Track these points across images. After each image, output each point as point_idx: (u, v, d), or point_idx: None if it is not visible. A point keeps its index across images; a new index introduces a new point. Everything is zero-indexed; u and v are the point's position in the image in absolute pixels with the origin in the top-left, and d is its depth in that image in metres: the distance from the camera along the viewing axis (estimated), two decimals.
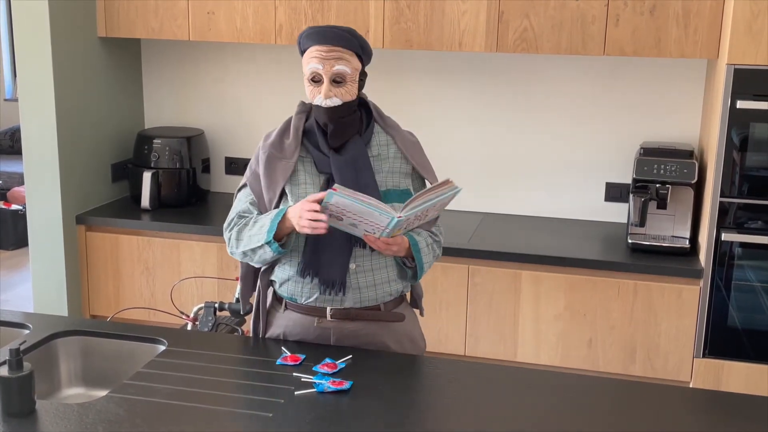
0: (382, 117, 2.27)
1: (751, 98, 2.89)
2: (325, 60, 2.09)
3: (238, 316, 3.22)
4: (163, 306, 3.44)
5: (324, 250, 2.15)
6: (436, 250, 2.26)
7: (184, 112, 4.02)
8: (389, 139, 2.23)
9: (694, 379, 3.12)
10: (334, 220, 2.04)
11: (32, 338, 2.22)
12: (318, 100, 2.13)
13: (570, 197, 3.67)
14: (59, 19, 3.41)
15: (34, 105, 3.47)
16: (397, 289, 2.23)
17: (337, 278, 2.15)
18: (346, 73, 2.11)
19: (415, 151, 2.25)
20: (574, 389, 2.06)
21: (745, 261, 3.02)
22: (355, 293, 2.18)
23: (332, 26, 2.13)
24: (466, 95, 3.68)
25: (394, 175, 2.20)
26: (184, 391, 1.96)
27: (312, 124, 2.20)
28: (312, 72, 2.12)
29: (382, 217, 1.99)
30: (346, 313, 2.20)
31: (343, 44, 2.11)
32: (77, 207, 3.62)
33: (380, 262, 2.19)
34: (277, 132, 2.25)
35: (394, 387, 2.01)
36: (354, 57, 2.13)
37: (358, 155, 2.16)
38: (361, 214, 2.00)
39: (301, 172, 2.19)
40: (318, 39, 2.10)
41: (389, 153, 2.22)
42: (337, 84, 2.11)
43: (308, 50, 2.12)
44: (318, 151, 2.18)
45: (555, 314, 3.22)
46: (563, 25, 3.16)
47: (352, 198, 1.96)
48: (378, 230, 2.04)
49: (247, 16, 3.45)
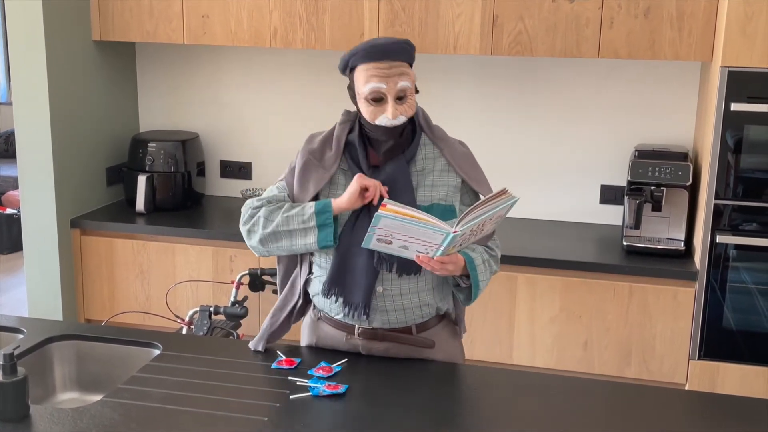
0: (429, 126, 2.15)
1: (746, 100, 2.90)
2: (388, 78, 1.98)
3: (234, 319, 3.22)
4: (159, 310, 3.44)
5: (349, 271, 2.07)
6: (493, 266, 2.12)
7: (179, 116, 4.02)
8: (437, 151, 2.11)
9: (690, 381, 3.12)
10: (383, 245, 1.93)
11: (26, 343, 2.21)
12: (383, 120, 2.01)
13: (565, 199, 3.67)
14: (53, 22, 3.41)
15: (29, 108, 3.46)
16: (429, 312, 2.13)
17: (360, 301, 2.07)
18: (408, 89, 2.02)
19: (466, 163, 2.13)
20: (570, 392, 2.06)
21: (739, 263, 3.02)
22: (382, 315, 2.10)
23: (390, 40, 2.01)
24: (460, 98, 3.68)
25: (440, 189, 2.08)
26: (178, 396, 1.96)
27: (354, 137, 2.09)
28: (374, 92, 1.99)
29: (436, 234, 1.87)
30: (374, 333, 2.13)
31: (403, 58, 2.01)
32: (72, 211, 3.62)
33: (411, 287, 2.08)
34: (320, 140, 2.13)
35: (390, 390, 2.00)
36: (410, 69, 2.05)
37: (399, 175, 2.04)
38: (412, 234, 1.87)
39: (340, 187, 2.09)
40: (379, 56, 1.98)
41: (435, 166, 2.10)
42: (400, 101, 2.01)
43: (363, 67, 2.00)
44: (358, 168, 2.08)
45: (550, 316, 3.22)
46: (557, 27, 3.17)
47: (402, 218, 1.84)
48: (432, 249, 1.91)
49: (241, 20, 3.45)
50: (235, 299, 3.29)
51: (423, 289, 2.10)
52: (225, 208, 3.85)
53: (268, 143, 3.93)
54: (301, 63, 3.81)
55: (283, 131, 3.89)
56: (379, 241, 1.91)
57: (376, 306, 2.09)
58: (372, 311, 2.09)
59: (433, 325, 2.17)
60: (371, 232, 1.89)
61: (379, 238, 1.91)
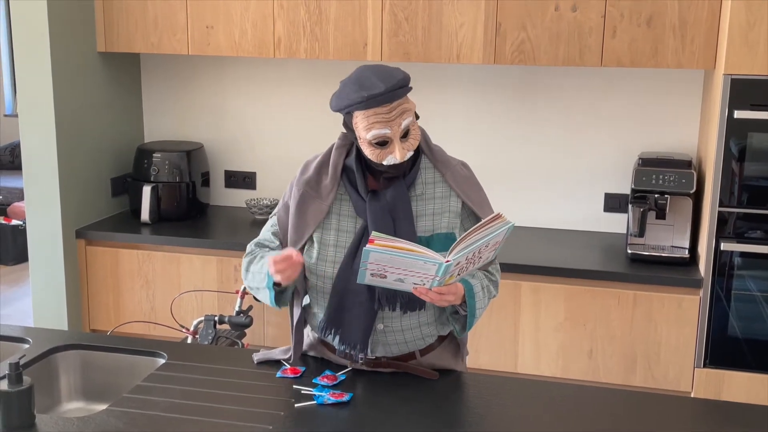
0: (429, 147, 2.06)
1: (749, 108, 2.90)
2: (392, 121, 1.90)
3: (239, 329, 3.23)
4: (163, 320, 3.44)
5: (348, 310, 2.01)
6: (492, 291, 2.07)
7: (184, 126, 4.03)
8: (437, 175, 2.04)
9: (695, 389, 3.12)
10: (377, 279, 1.86)
11: (32, 352, 2.22)
12: (391, 161, 1.93)
13: (569, 208, 3.68)
14: (59, 34, 3.43)
15: (34, 120, 3.48)
16: (431, 340, 2.10)
17: (358, 341, 2.03)
18: (411, 123, 1.93)
19: (469, 187, 2.06)
20: (575, 400, 2.05)
21: (744, 270, 3.02)
22: (384, 347, 2.08)
23: (386, 84, 1.88)
24: (464, 107, 3.69)
25: (442, 218, 2.02)
26: (183, 405, 1.96)
27: (352, 161, 2.01)
28: (378, 137, 1.91)
29: (428, 265, 1.79)
30: (377, 362, 2.11)
31: (403, 96, 1.91)
32: (77, 221, 3.63)
33: (412, 322, 2.04)
34: (315, 166, 2.05)
35: (394, 399, 2.00)
36: (409, 100, 1.95)
37: (398, 201, 1.97)
38: (405, 266, 1.81)
39: (334, 216, 2.03)
40: (379, 104, 1.88)
41: (435, 192, 2.03)
42: (404, 138, 1.93)
43: (363, 114, 1.90)
44: (356, 193, 2.01)
45: (555, 325, 3.22)
46: (560, 36, 3.17)
47: (391, 251, 1.77)
48: (428, 280, 1.84)
49: (245, 30, 3.46)
50: (240, 309, 3.29)
51: (425, 323, 2.07)
52: (229, 218, 3.86)
53: (272, 153, 3.94)
54: (305, 73, 3.82)
55: (288, 141, 3.90)
56: (373, 276, 1.85)
57: (377, 340, 2.06)
58: (373, 344, 2.07)
59: (436, 346, 2.15)
60: (363, 267, 1.83)
61: (372, 273, 1.84)
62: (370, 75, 1.92)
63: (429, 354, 2.15)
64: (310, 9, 3.37)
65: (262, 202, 3.87)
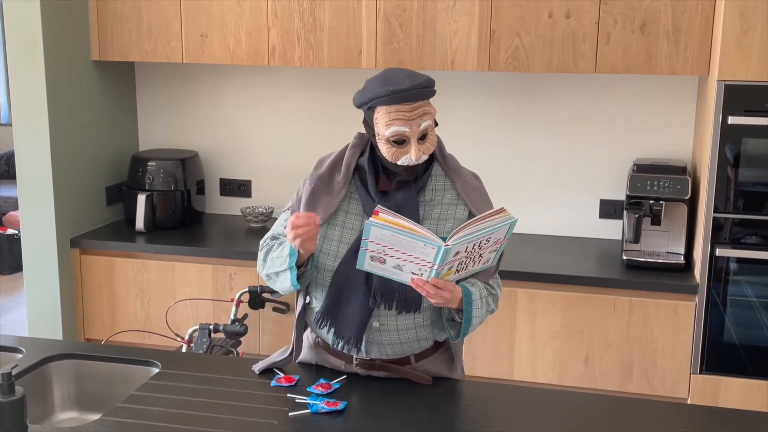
0: (443, 155, 2.09)
1: (743, 114, 2.91)
2: (411, 120, 1.93)
3: (234, 337, 3.22)
4: (159, 328, 3.43)
5: (344, 304, 2.03)
6: (491, 304, 2.07)
7: (179, 134, 4.03)
8: (448, 182, 2.07)
9: (692, 396, 3.11)
10: (377, 264, 1.88)
11: (25, 362, 2.21)
12: (406, 161, 1.96)
13: (564, 214, 3.67)
14: (53, 42, 3.43)
15: (28, 129, 3.47)
16: (426, 344, 2.11)
17: (352, 336, 2.04)
18: (430, 126, 1.97)
19: (477, 197, 2.08)
20: (571, 407, 2.05)
21: (740, 276, 3.02)
22: (379, 347, 2.08)
23: (413, 82, 1.93)
24: (458, 114, 3.69)
25: (446, 223, 2.03)
26: (177, 414, 1.95)
27: (365, 161, 2.04)
28: (396, 135, 1.94)
29: (427, 248, 1.81)
30: (372, 363, 2.12)
31: (425, 97, 1.95)
32: (72, 230, 3.62)
33: (408, 323, 2.05)
34: (329, 163, 2.09)
35: (389, 407, 1.99)
36: (431, 105, 1.98)
37: (406, 204, 2.00)
38: (404, 248, 1.83)
39: (341, 213, 2.06)
40: (402, 99, 1.92)
41: (444, 199, 2.06)
42: (422, 140, 1.97)
43: (385, 109, 1.94)
44: (366, 192, 2.04)
45: (551, 332, 3.21)
46: (554, 43, 3.18)
47: (393, 228, 1.79)
48: (426, 270, 1.86)
49: (240, 39, 3.46)
50: (235, 317, 3.29)
51: (420, 325, 2.07)
52: (225, 226, 3.86)
53: (267, 161, 3.94)
54: (300, 81, 3.82)
55: (283, 149, 3.90)
56: (373, 260, 1.87)
57: (372, 339, 2.07)
58: (368, 344, 2.07)
59: (431, 353, 2.15)
60: (363, 246, 1.85)
61: (372, 256, 1.86)
62: (396, 72, 1.99)
63: (424, 360, 2.14)
64: (305, 17, 3.37)
65: (257, 210, 3.86)
